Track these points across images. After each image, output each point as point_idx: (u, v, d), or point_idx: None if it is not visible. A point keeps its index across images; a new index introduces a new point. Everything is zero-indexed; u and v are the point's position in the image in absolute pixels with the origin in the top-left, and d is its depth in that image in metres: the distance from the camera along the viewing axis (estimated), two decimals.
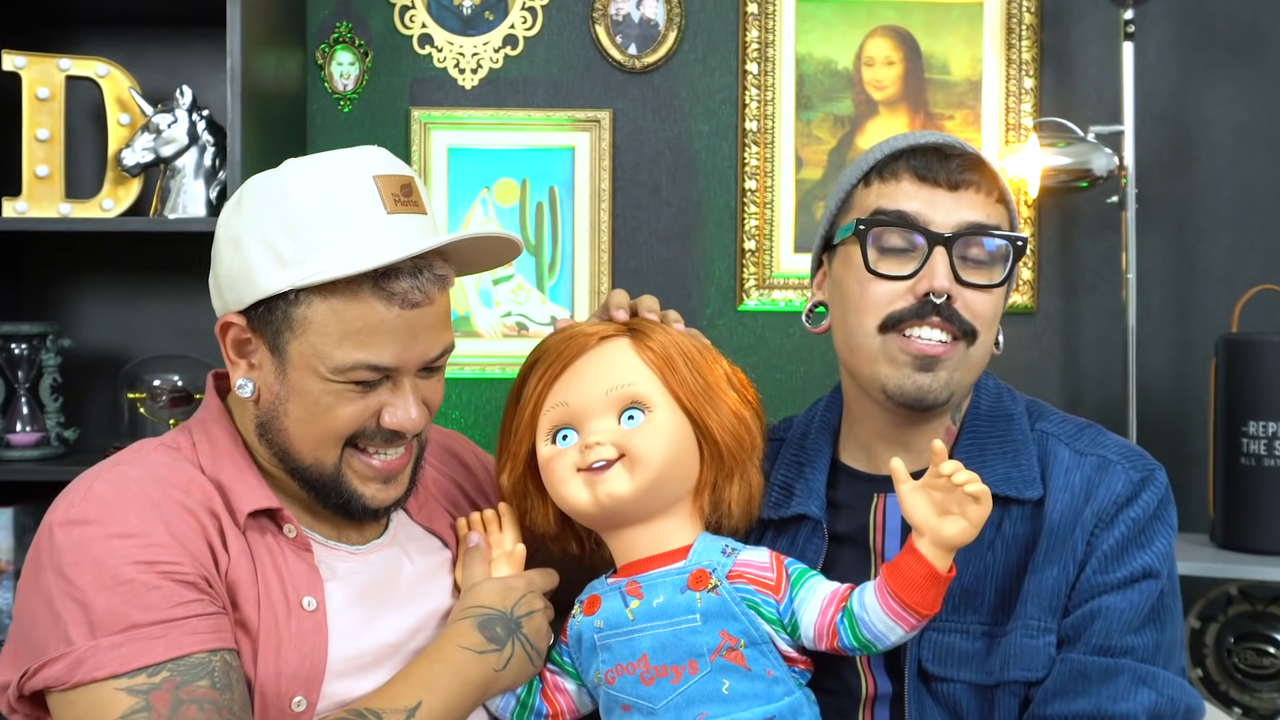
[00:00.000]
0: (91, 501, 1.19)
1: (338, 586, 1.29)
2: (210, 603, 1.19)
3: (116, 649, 1.13)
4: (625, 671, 1.28)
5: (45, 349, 2.33)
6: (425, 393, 1.28)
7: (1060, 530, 1.31)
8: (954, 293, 1.31)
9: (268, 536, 1.26)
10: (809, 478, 1.41)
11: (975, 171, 1.35)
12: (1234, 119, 2.56)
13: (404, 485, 1.32)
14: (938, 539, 1.21)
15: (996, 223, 1.34)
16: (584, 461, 1.29)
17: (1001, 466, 1.34)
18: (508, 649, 1.29)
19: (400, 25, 2.54)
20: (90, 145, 2.41)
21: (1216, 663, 2.44)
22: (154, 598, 1.15)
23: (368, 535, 1.35)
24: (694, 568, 1.29)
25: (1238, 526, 2.33)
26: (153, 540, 1.17)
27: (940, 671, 1.31)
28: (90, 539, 1.17)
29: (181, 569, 1.17)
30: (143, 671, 1.13)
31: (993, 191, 1.35)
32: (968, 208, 1.33)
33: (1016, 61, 2.53)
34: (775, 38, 2.53)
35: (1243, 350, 2.32)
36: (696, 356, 1.34)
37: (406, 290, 1.21)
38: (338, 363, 1.22)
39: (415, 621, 1.33)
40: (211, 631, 1.17)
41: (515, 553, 1.39)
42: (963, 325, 1.32)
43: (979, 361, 1.36)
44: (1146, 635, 1.29)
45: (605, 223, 2.53)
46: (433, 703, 1.23)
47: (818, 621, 1.27)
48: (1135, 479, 1.33)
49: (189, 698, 1.13)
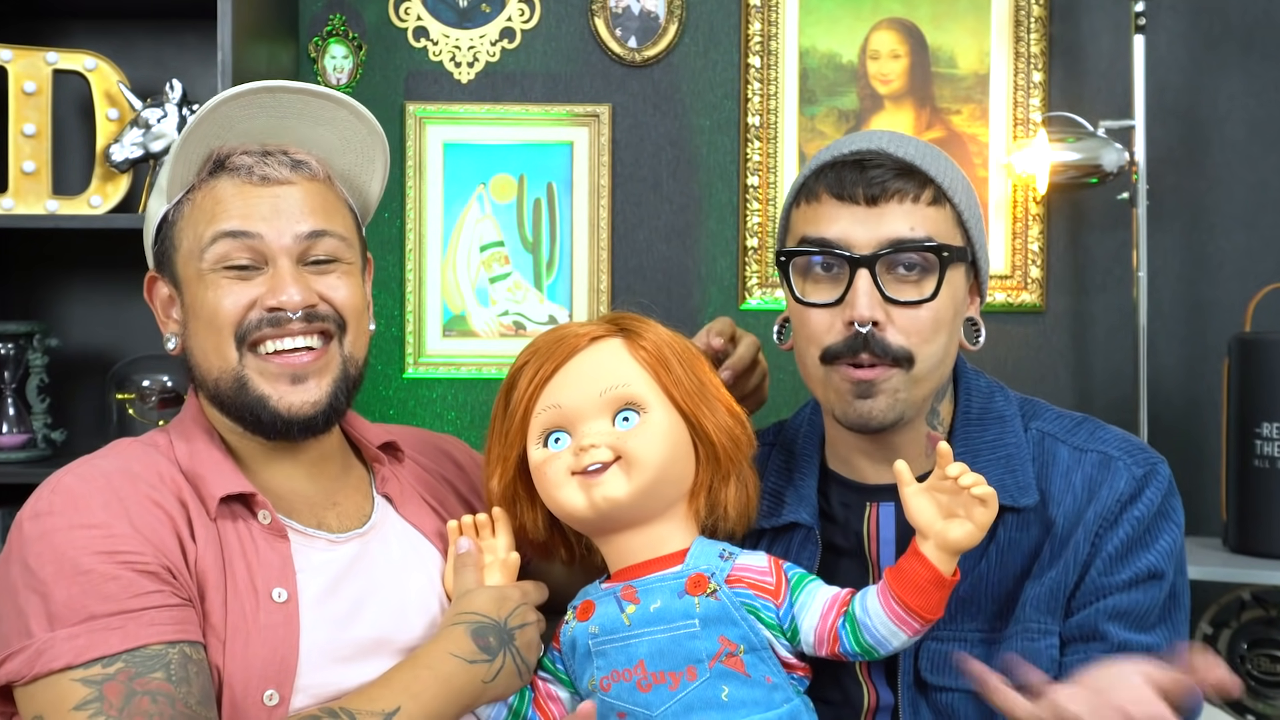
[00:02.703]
0: (59, 494, 1.21)
1: (313, 577, 1.27)
2: (172, 594, 1.18)
3: (73, 640, 1.13)
4: (622, 678, 1.26)
5: (32, 349, 2.31)
6: (320, 287, 1.29)
7: (1063, 532, 1.30)
8: (880, 318, 1.28)
9: (240, 524, 1.26)
10: (799, 485, 1.40)
11: (901, 179, 1.28)
12: (1247, 113, 2.54)
13: (321, 393, 1.29)
14: (943, 542, 1.20)
15: (926, 232, 1.29)
16: (579, 464, 1.27)
17: (995, 472, 1.31)
18: (499, 660, 1.27)
19: (395, 18, 2.52)
20: (78, 140, 2.39)
21: (1229, 670, 2.40)
22: (113, 588, 1.15)
23: (347, 524, 1.34)
24: (691, 572, 1.27)
25: (1251, 530, 2.31)
26: (114, 531, 1.18)
27: (939, 681, 1.29)
28: (53, 530, 1.18)
29: (143, 559, 1.18)
30: (98, 663, 1.13)
31: (921, 197, 1.29)
32: (890, 221, 1.28)
33: (1025, 55, 2.51)
34: (778, 30, 2.51)
35: (1256, 350, 2.30)
36: (689, 355, 1.33)
37: (251, 164, 1.28)
38: (204, 245, 1.27)
39: (394, 615, 1.31)
40: (171, 623, 1.17)
41: (509, 560, 1.37)
42: (893, 354, 1.29)
43: (930, 375, 1.32)
44: (1159, 634, 1.28)
45: (604, 220, 2.51)
46: (413, 709, 1.20)
47: (818, 627, 1.26)
48: (1138, 474, 1.31)
49: (143, 689, 1.13)
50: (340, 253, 1.31)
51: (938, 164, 1.32)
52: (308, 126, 1.33)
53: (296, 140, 1.32)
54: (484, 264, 2.52)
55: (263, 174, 1.28)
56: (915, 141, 1.34)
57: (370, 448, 1.42)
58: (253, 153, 1.29)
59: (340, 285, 1.31)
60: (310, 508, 1.32)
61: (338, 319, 1.30)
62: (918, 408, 1.33)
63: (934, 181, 1.30)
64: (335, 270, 1.31)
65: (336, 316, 1.30)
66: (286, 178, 1.29)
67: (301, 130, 1.32)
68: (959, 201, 1.32)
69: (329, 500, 1.35)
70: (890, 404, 1.30)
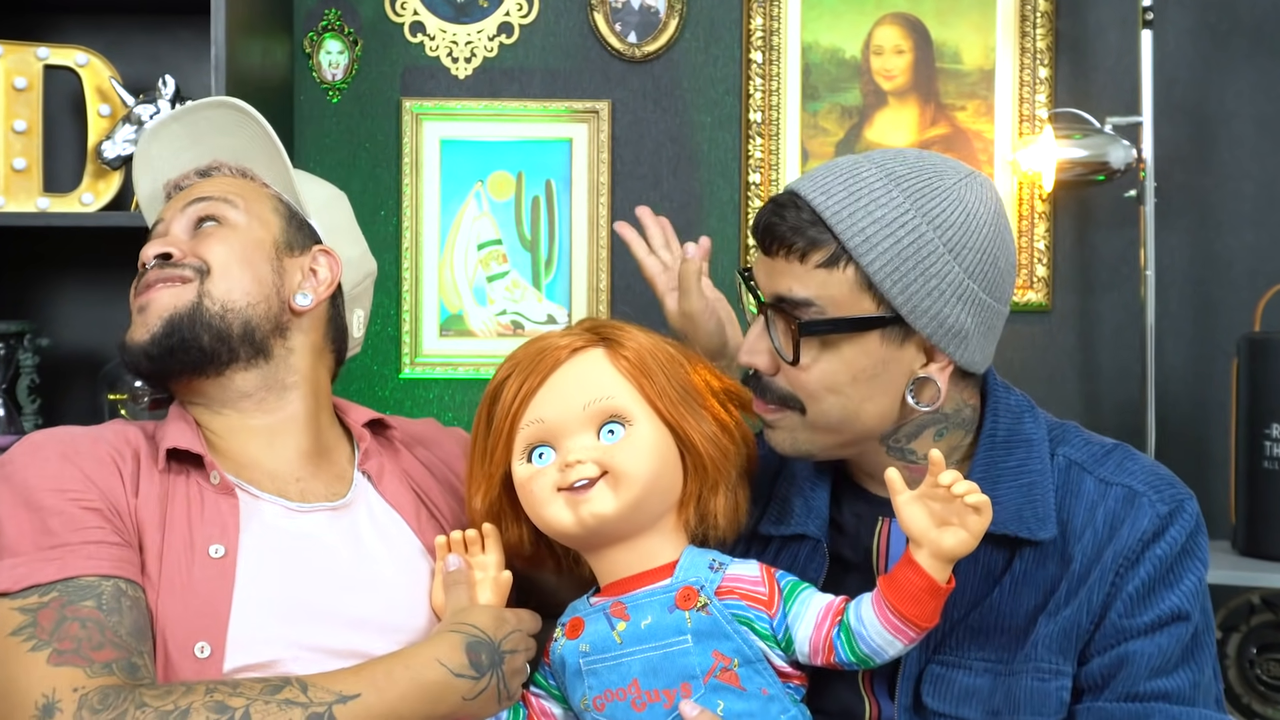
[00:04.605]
0: (25, 444, 1.31)
1: (259, 537, 1.30)
2: (113, 532, 1.25)
3: (14, 569, 1.21)
4: (616, 698, 1.24)
5: (22, 348, 2.29)
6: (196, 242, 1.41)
7: (1082, 569, 1.26)
8: (761, 365, 1.27)
9: (191, 482, 1.31)
10: (808, 495, 1.36)
11: (796, 233, 1.22)
12: (1257, 109, 2.52)
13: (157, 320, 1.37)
14: (936, 550, 1.18)
15: (808, 295, 1.22)
16: (564, 481, 1.25)
17: (1015, 500, 1.27)
18: (484, 680, 1.25)
19: (391, 12, 2.50)
20: (69, 137, 2.37)
21: (1239, 674, 2.41)
22: (56, 523, 1.23)
23: (316, 495, 1.38)
24: (681, 585, 1.25)
25: (1260, 533, 2.30)
26: (65, 474, 1.27)
27: (939, 707, 1.26)
28: (12, 473, 1.27)
29: (88, 497, 1.25)
30: (34, 591, 1.20)
31: (809, 257, 1.21)
32: (777, 276, 1.24)
33: (1031, 50, 2.49)
34: (780, 25, 2.49)
35: (1266, 350, 2.29)
36: (672, 363, 1.30)
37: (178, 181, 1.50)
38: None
39: (350, 587, 1.32)
40: (108, 560, 1.23)
41: (501, 579, 1.35)
42: (775, 396, 1.27)
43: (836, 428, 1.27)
44: (1181, 677, 1.24)
45: (604, 217, 2.48)
46: (373, 702, 1.19)
47: (813, 637, 1.24)
48: (1162, 512, 1.26)
49: (73, 615, 1.18)
50: (216, 211, 1.42)
51: (855, 217, 1.21)
52: (219, 137, 1.48)
53: (216, 152, 1.49)
54: (481, 263, 2.50)
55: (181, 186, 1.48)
56: (851, 183, 1.23)
57: (356, 425, 1.46)
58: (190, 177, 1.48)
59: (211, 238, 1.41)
60: (271, 479, 1.36)
61: (198, 265, 1.39)
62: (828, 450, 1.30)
63: (837, 240, 1.21)
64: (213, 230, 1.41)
65: (198, 263, 1.39)
66: (194, 181, 1.47)
67: (218, 141, 1.48)
68: (870, 263, 1.21)
69: (292, 475, 1.38)
70: (789, 440, 1.29)
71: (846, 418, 1.26)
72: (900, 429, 1.29)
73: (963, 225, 1.23)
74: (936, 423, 1.30)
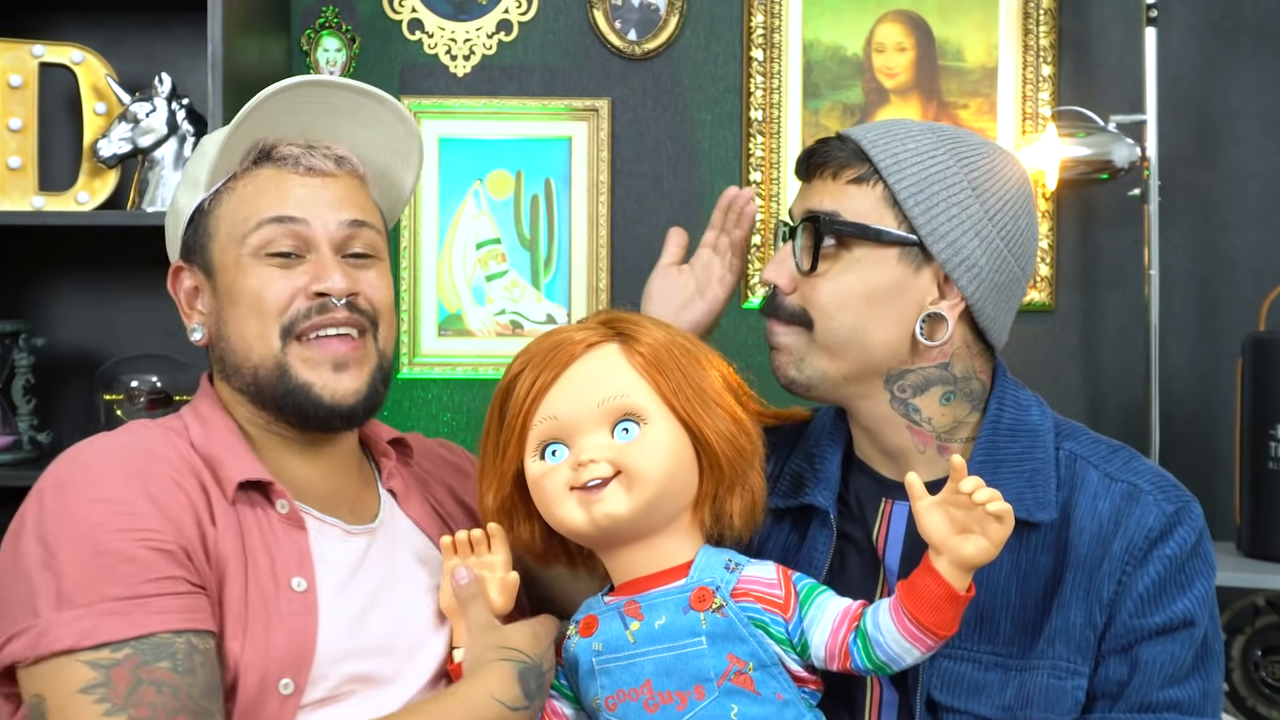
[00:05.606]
0: (79, 466, 1.21)
1: (330, 569, 1.27)
2: (185, 580, 1.17)
3: (79, 622, 1.13)
4: (628, 698, 1.23)
5: (18, 348, 2.29)
6: (361, 284, 1.31)
7: (1087, 563, 1.26)
8: (780, 281, 1.33)
9: (259, 512, 1.25)
10: (819, 469, 1.37)
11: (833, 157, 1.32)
12: (1261, 108, 2.52)
13: (360, 381, 1.30)
14: (957, 558, 1.17)
15: (835, 208, 1.30)
16: (577, 480, 1.23)
17: (1015, 485, 1.27)
18: (534, 705, 1.25)
19: (389, 9, 2.49)
20: (65, 135, 2.37)
21: (1243, 676, 2.41)
22: (126, 570, 1.15)
23: (361, 515, 1.34)
24: (696, 586, 1.24)
25: (1265, 534, 2.29)
26: (135, 508, 1.17)
27: (949, 701, 1.26)
28: (72, 505, 1.18)
29: (160, 537, 1.17)
30: (106, 647, 1.12)
31: (841, 174, 1.31)
32: (812, 195, 1.33)
33: (1034, 48, 2.48)
34: (781, 23, 2.48)
35: (1271, 350, 2.28)
36: (688, 358, 1.28)
37: (298, 155, 1.30)
38: (248, 230, 1.28)
39: (400, 614, 1.30)
40: (180, 611, 1.16)
41: (509, 580, 1.34)
42: (788, 313, 1.32)
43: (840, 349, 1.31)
44: (1192, 686, 1.25)
45: (604, 216, 2.48)
46: None
47: (829, 642, 1.23)
48: (1168, 511, 1.27)
49: (149, 679, 1.12)
50: (377, 248, 1.34)
51: (891, 146, 1.30)
52: (349, 124, 1.35)
53: (338, 137, 1.35)
54: (480, 262, 2.49)
55: (309, 165, 1.31)
56: (893, 125, 1.34)
57: (380, 442, 1.43)
58: (298, 145, 1.32)
59: (377, 282, 1.33)
60: (324, 502, 1.31)
61: (372, 314, 1.32)
62: (830, 383, 1.32)
63: (870, 162, 1.30)
64: (373, 266, 1.33)
65: (371, 312, 1.32)
66: (331, 170, 1.32)
67: (343, 127, 1.35)
68: (897, 182, 1.29)
69: (342, 496, 1.34)
70: (790, 362, 1.33)
71: (854, 339, 1.29)
72: (907, 375, 1.31)
73: (989, 172, 1.31)
74: (945, 383, 1.32)
